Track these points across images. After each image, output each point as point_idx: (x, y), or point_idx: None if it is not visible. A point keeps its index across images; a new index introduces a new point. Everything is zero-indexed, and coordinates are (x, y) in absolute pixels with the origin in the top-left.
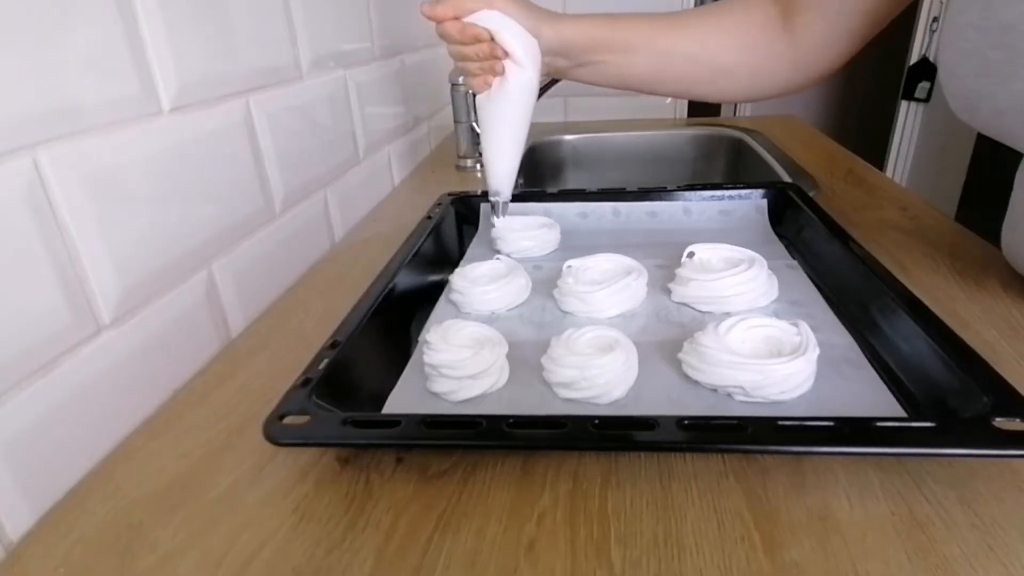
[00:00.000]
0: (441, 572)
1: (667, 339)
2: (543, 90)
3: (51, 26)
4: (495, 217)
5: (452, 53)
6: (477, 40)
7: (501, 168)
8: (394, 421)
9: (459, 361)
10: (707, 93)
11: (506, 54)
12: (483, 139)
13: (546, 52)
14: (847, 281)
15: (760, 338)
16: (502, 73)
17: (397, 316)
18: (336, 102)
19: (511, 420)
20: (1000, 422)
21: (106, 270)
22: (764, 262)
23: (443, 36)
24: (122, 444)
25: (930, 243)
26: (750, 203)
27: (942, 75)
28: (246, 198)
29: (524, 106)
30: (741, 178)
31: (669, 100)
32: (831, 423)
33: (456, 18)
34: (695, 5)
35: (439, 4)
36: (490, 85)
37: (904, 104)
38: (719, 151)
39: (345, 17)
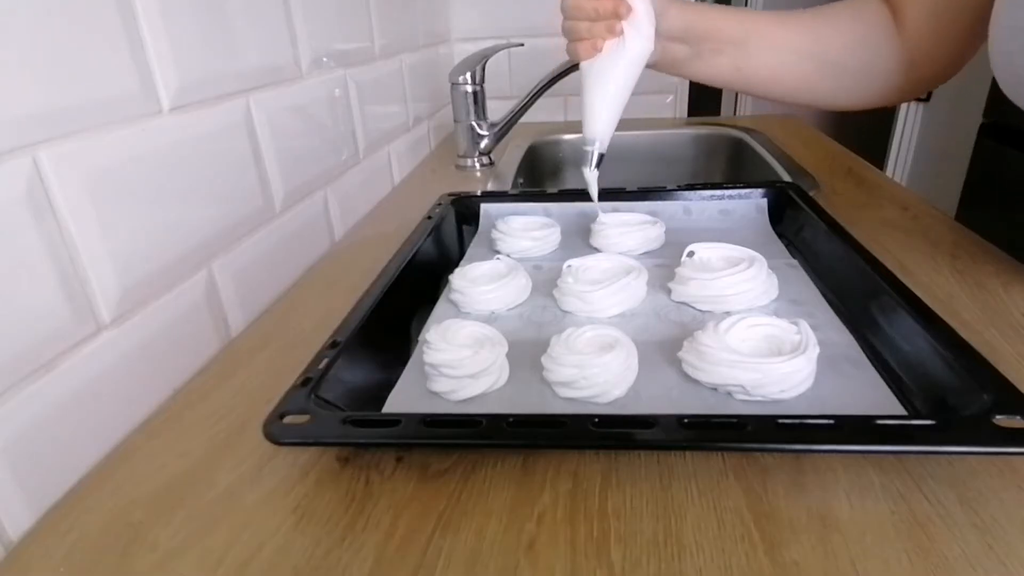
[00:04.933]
0: (441, 571)
1: (667, 338)
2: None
3: (51, 26)
4: (586, 168)
5: (566, 8)
6: None
7: (602, 116)
8: (394, 420)
9: (459, 360)
10: (820, 94)
11: (628, 13)
12: (585, 92)
13: (667, 36)
14: (847, 280)
15: (760, 337)
16: (620, 34)
17: (397, 316)
18: (336, 102)
19: (511, 419)
20: (1000, 420)
21: (106, 270)
22: (764, 261)
23: None
24: (122, 444)
25: (930, 242)
26: (750, 202)
27: (992, 51)
28: (246, 198)
29: (635, 71)
30: (741, 178)
31: (670, 99)
32: (831, 421)
33: None
34: None
35: None
36: (598, 50)
37: (904, 104)
38: (719, 151)
39: (345, 17)
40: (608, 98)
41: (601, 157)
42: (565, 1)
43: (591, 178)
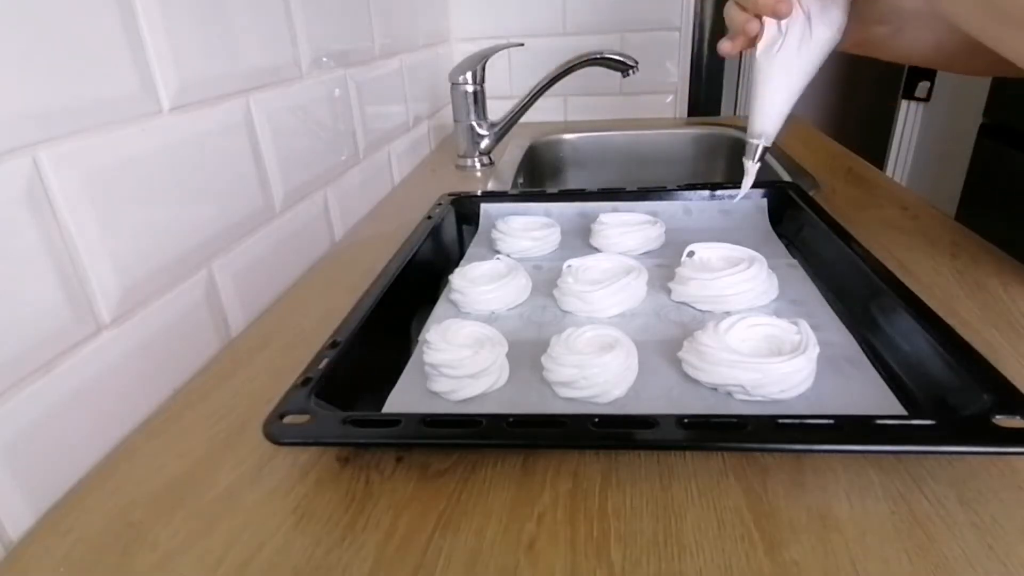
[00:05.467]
0: (441, 571)
1: (667, 338)
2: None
3: (51, 25)
4: (748, 160)
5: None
6: None
7: (772, 111)
8: (394, 420)
9: (459, 360)
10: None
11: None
12: (756, 82)
13: (867, 20)
14: (847, 280)
15: (760, 337)
16: (755, 34)
17: (397, 316)
18: (336, 101)
19: (511, 419)
20: (1000, 419)
21: (106, 270)
22: (764, 261)
23: None
24: (122, 443)
25: (930, 242)
26: (750, 202)
27: None
28: (246, 197)
29: (814, 62)
30: (741, 178)
31: (670, 99)
32: (831, 421)
33: None
34: None
35: None
36: (738, 49)
37: (904, 103)
38: (719, 151)
39: (345, 16)
40: (781, 92)
41: (765, 150)
42: None
43: (751, 170)
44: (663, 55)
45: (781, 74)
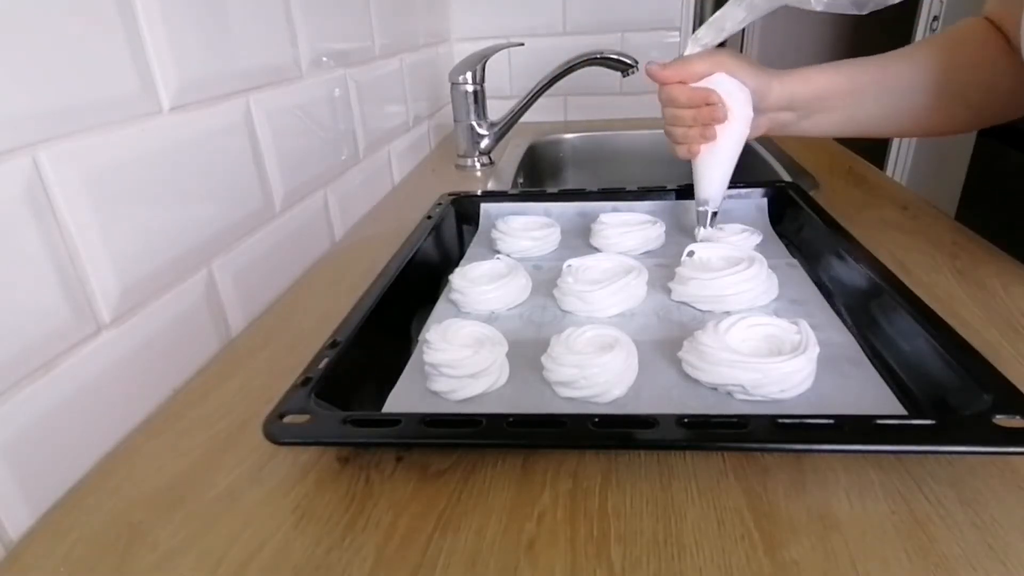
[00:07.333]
0: (441, 571)
1: (667, 338)
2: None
3: (51, 25)
4: (700, 228)
5: (667, 116)
6: (706, 103)
7: (714, 184)
8: (394, 420)
9: (459, 360)
10: (935, 123)
11: (726, 116)
12: (695, 170)
13: (772, 108)
14: (847, 280)
15: (760, 336)
16: (713, 139)
17: (397, 316)
18: (336, 101)
19: (511, 419)
20: (1001, 419)
21: (106, 270)
22: (764, 261)
23: (668, 100)
24: (122, 443)
25: (930, 242)
26: (750, 202)
27: None
28: (246, 197)
29: (737, 147)
30: (741, 177)
31: None
32: (831, 421)
33: (682, 82)
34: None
35: (667, 67)
36: (695, 154)
37: None
38: None
39: (345, 16)
40: (716, 172)
41: (715, 215)
42: (665, 109)
43: (703, 235)
44: (663, 55)
45: (707, 164)
